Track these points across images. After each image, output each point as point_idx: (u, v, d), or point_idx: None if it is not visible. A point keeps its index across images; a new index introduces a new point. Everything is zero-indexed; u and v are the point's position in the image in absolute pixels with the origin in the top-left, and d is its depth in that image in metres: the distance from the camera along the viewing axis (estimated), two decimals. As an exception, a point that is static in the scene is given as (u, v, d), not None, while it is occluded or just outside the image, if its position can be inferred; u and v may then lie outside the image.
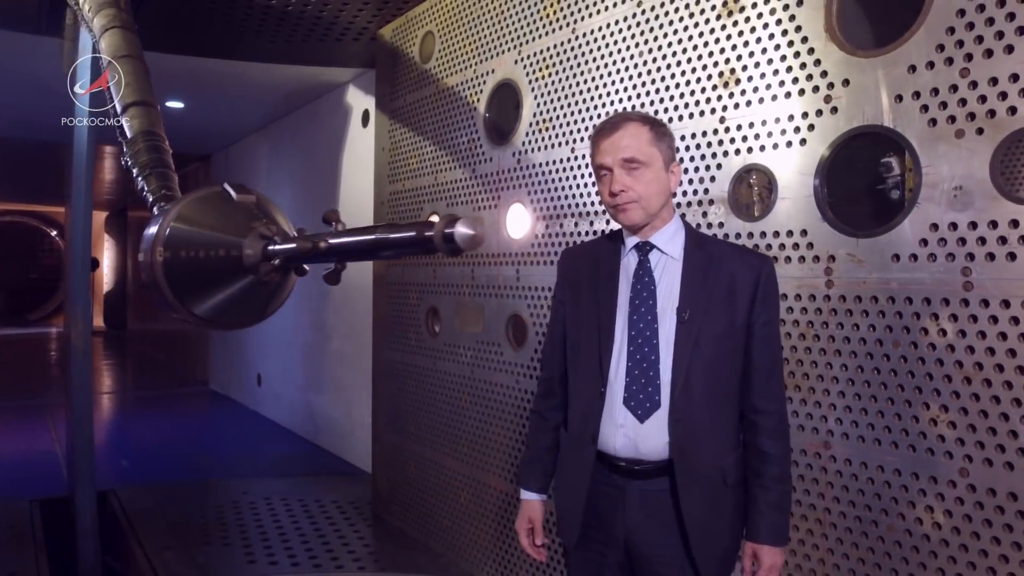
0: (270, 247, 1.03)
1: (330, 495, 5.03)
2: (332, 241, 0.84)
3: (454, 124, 3.92)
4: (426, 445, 4.19)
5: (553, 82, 3.19)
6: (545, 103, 3.24)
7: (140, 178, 2.11)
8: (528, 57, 3.34)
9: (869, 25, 2.12)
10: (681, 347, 1.71)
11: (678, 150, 2.58)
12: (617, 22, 2.86)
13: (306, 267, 1.19)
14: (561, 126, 3.15)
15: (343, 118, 5.91)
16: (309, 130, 6.55)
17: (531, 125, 3.33)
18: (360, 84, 5.62)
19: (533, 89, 3.31)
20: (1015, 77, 1.74)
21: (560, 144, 3.16)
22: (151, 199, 1.93)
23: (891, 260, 1.99)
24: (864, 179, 2.18)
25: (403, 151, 4.43)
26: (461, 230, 0.67)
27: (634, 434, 1.72)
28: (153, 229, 1.31)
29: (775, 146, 2.28)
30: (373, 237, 0.80)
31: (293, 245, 0.94)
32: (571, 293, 1.91)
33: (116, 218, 16.84)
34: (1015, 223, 1.75)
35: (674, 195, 2.11)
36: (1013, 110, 1.75)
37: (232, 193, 1.25)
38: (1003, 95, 1.76)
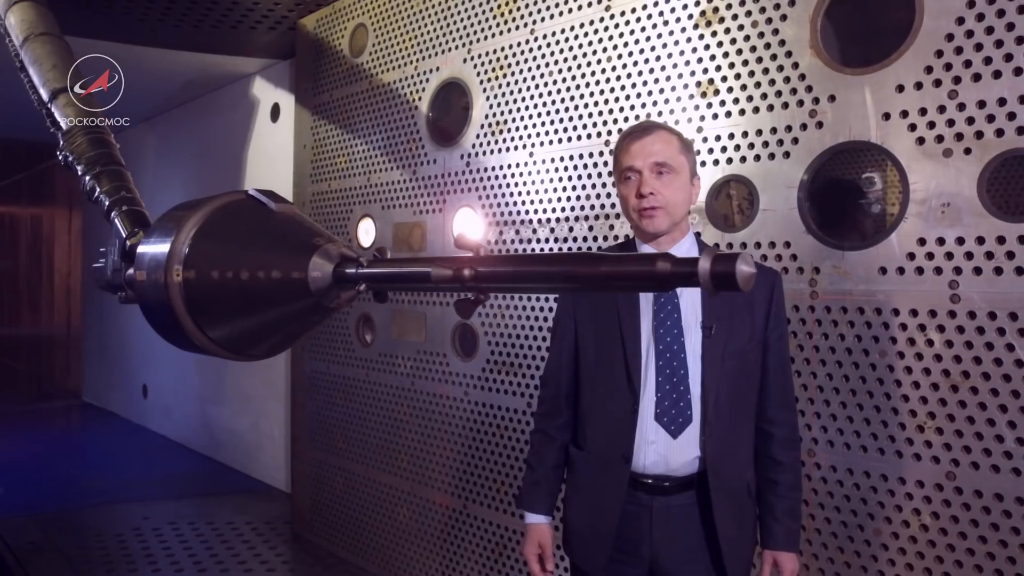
0: (353, 269, 0.88)
1: (242, 516, 4.70)
2: (482, 269, 0.71)
3: (391, 123, 3.74)
4: (358, 460, 3.99)
5: (509, 84, 3.10)
6: (499, 105, 3.15)
7: (88, 177, 1.84)
8: (479, 56, 3.24)
9: (853, 44, 2.19)
10: (709, 361, 1.69)
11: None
12: (583, 25, 2.81)
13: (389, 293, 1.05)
14: (518, 129, 3.07)
15: (248, 111, 5.53)
16: (207, 123, 6.10)
17: (483, 127, 3.23)
18: (269, 76, 5.28)
19: (485, 90, 3.21)
20: (1003, 101, 1.84)
21: (517, 148, 3.08)
22: (107, 202, 1.69)
23: (878, 273, 2.06)
24: (847, 194, 2.24)
25: (329, 149, 4.19)
26: (744, 269, 0.58)
27: (665, 450, 1.68)
28: (161, 246, 1.10)
29: (757, 158, 2.31)
30: (567, 269, 0.68)
31: (409, 269, 0.81)
32: (581, 309, 1.85)
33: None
34: (1002, 239, 1.85)
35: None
36: (1000, 132, 1.84)
37: (268, 202, 1.07)
38: (991, 117, 1.86)
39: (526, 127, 3.04)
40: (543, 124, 2.97)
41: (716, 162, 2.40)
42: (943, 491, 1.96)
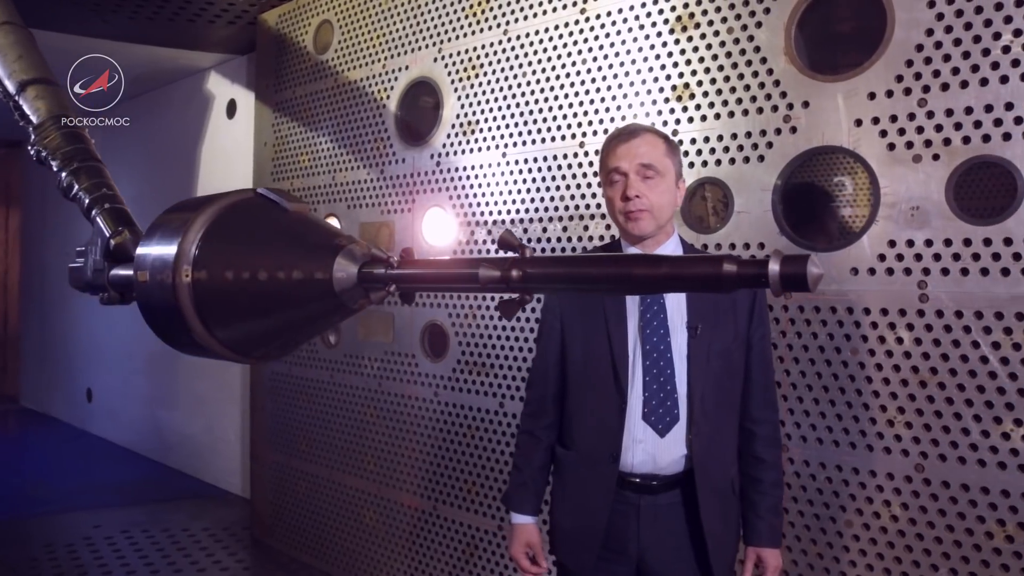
0: (383, 270, 0.87)
1: (198, 522, 4.57)
2: (531, 270, 0.72)
3: (358, 121, 3.70)
4: (321, 463, 3.93)
5: (481, 84, 3.10)
6: (472, 105, 3.14)
7: (64, 173, 1.77)
8: (451, 56, 3.23)
9: (827, 52, 2.26)
10: (695, 361, 1.72)
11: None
12: (557, 27, 2.83)
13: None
14: (491, 129, 3.07)
15: (202, 107, 5.39)
16: (157, 119, 5.91)
17: (454, 127, 3.22)
18: (225, 71, 5.16)
19: (457, 90, 3.20)
20: (969, 110, 1.93)
21: (489, 148, 3.08)
22: (87, 200, 1.63)
23: (850, 273, 2.13)
24: (818, 197, 2.32)
25: (291, 147, 4.12)
26: (814, 271, 0.60)
27: (653, 449, 1.71)
28: (167, 245, 1.07)
29: (732, 161, 2.36)
30: (625, 271, 0.69)
31: (455, 271, 0.80)
32: (567, 309, 1.86)
33: None
34: (968, 241, 1.94)
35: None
36: (967, 139, 1.93)
37: (281, 201, 1.05)
38: (958, 125, 1.95)
39: (499, 127, 3.05)
40: (516, 125, 2.98)
41: (691, 164, 2.45)
42: (912, 483, 2.04)
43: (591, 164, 2.74)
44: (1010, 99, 1.87)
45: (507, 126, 3.02)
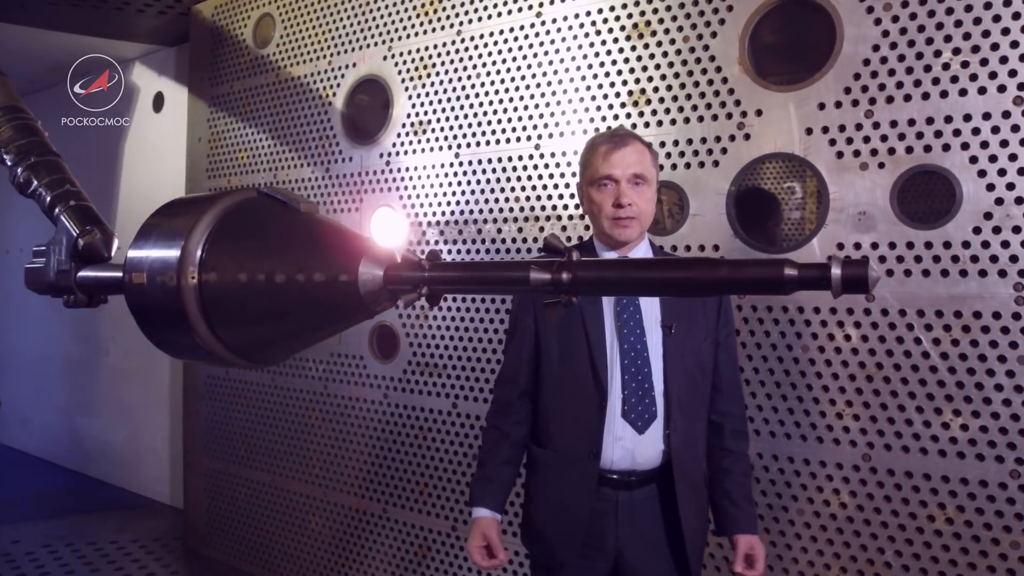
0: (414, 272, 0.88)
1: (126, 533, 4.37)
2: (582, 273, 0.74)
3: (301, 118, 3.62)
4: (262, 469, 3.82)
5: (433, 83, 3.09)
6: (423, 105, 3.13)
7: (20, 168, 1.67)
8: (402, 55, 3.20)
9: (779, 62, 2.36)
10: (670, 358, 1.78)
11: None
12: (512, 29, 2.85)
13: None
14: (443, 130, 3.06)
15: (125, 100, 5.13)
16: (76, 111, 5.60)
17: (404, 126, 3.20)
18: (151, 63, 4.94)
19: (407, 89, 3.18)
20: (912, 121, 2.06)
21: (442, 148, 3.07)
22: (48, 197, 1.55)
23: (801, 274, 2.24)
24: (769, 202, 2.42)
25: (228, 143, 3.98)
26: (874, 274, 0.64)
27: (632, 446, 1.75)
28: (168, 246, 1.05)
29: (687, 166, 2.44)
30: (682, 275, 0.72)
31: (504, 273, 0.81)
32: (540, 309, 1.88)
33: None
34: (911, 244, 2.07)
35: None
36: (910, 150, 2.06)
37: (289, 202, 1.04)
38: (902, 136, 2.08)
39: (452, 128, 3.04)
40: (470, 126, 2.99)
41: (648, 168, 2.51)
42: (860, 471, 2.16)
43: (547, 166, 2.77)
44: (949, 112, 2.01)
45: (460, 127, 3.02)
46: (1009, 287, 1.94)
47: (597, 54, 2.63)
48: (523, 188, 2.84)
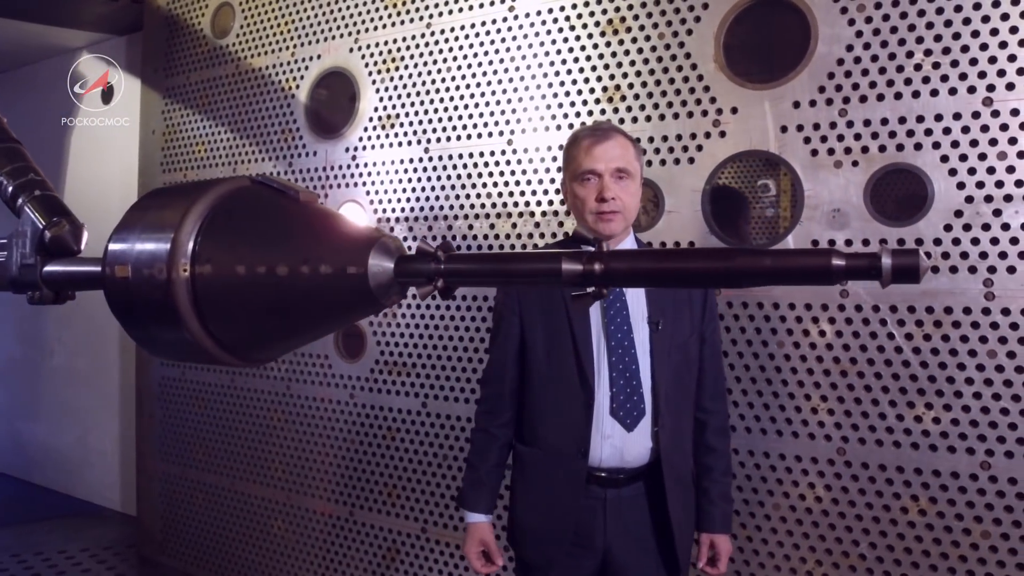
0: (431, 264, 0.84)
1: (75, 542, 4.19)
2: (616, 265, 0.71)
3: (263, 111, 3.51)
4: (222, 473, 3.70)
5: (402, 77, 3.03)
6: (391, 99, 3.06)
7: (-27, 156, 1.57)
8: (368, 47, 3.13)
9: (754, 61, 2.38)
10: (658, 354, 1.77)
11: (554, 159, 2.64)
12: (484, 23, 2.81)
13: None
14: (412, 124, 3.01)
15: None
16: (19, 100, 5.35)
17: (372, 120, 3.13)
18: (100, 52, 4.74)
19: (375, 82, 3.11)
20: (885, 121, 2.09)
21: (411, 143, 3.02)
22: (11, 187, 1.46)
23: (776, 270, 2.26)
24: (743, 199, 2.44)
25: (184, 136, 3.85)
26: (924, 263, 0.63)
27: (621, 443, 1.73)
28: (155, 238, 1.00)
29: (663, 162, 2.44)
30: (724, 265, 0.69)
31: (534, 265, 0.78)
32: (527, 306, 1.86)
33: None
34: (884, 241, 2.11)
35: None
36: (883, 148, 2.10)
37: (287, 191, 0.99)
38: (875, 135, 2.11)
39: (421, 123, 2.99)
40: (440, 120, 2.94)
41: (623, 165, 2.50)
42: (834, 465, 2.19)
43: (519, 162, 2.74)
44: (921, 112, 2.04)
45: (430, 121, 2.96)
46: (979, 283, 1.99)
47: (571, 49, 2.62)
48: (495, 184, 2.80)
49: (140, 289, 0.97)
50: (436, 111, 2.94)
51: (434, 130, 2.95)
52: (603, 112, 2.55)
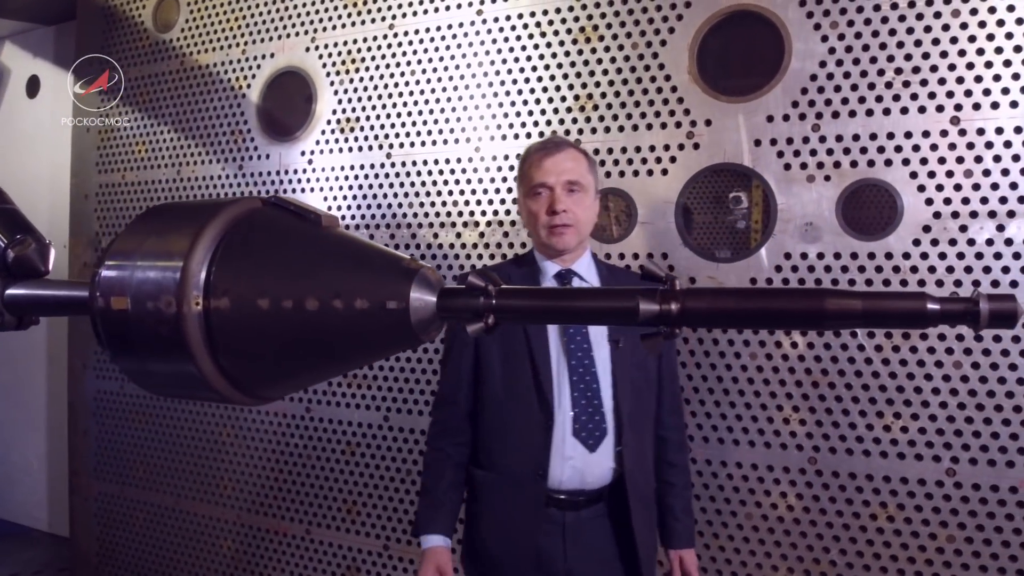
0: (481, 299, 0.79)
1: (2, 566, 3.91)
2: (693, 305, 0.68)
3: (210, 110, 3.35)
4: (165, 491, 3.52)
5: (363, 79, 2.94)
6: (351, 101, 2.96)
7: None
8: (327, 47, 3.02)
9: (729, 75, 2.39)
10: (619, 373, 1.74)
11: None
12: (451, 26, 2.75)
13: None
14: (373, 128, 2.92)
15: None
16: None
17: (329, 123, 3.02)
18: (24, 43, 4.44)
19: (333, 83, 3.01)
20: (856, 136, 2.14)
21: (372, 148, 2.92)
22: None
23: (748, 283, 2.28)
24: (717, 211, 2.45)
25: (122, 135, 3.63)
26: (1022, 308, 0.62)
27: (583, 465, 1.70)
28: (161, 267, 0.92)
29: (635, 173, 2.43)
30: (813, 306, 0.67)
31: (606, 303, 0.74)
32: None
33: None
34: (855, 255, 2.15)
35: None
36: (855, 164, 2.14)
37: (307, 213, 0.92)
38: (847, 150, 2.15)
39: (383, 127, 2.90)
40: (404, 125, 2.86)
41: (595, 175, 2.49)
42: (806, 474, 2.23)
43: (487, 170, 2.69)
44: (892, 129, 2.10)
45: (392, 126, 2.88)
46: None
47: (542, 56, 2.58)
48: (462, 192, 2.74)
49: (143, 323, 0.87)
50: (400, 115, 2.86)
51: (397, 135, 2.87)
52: (574, 121, 2.52)
